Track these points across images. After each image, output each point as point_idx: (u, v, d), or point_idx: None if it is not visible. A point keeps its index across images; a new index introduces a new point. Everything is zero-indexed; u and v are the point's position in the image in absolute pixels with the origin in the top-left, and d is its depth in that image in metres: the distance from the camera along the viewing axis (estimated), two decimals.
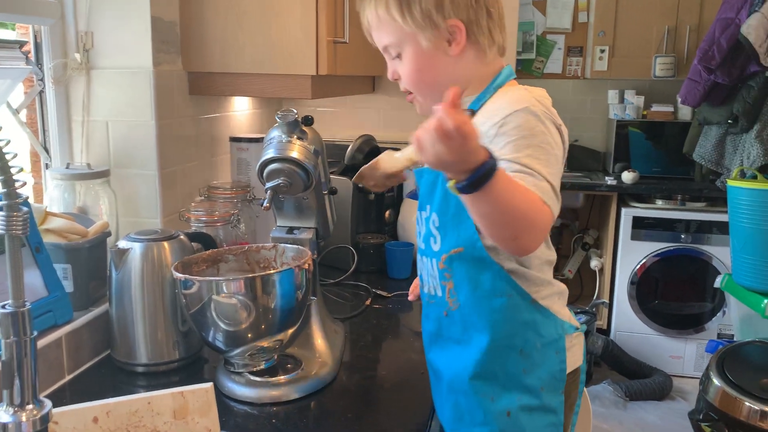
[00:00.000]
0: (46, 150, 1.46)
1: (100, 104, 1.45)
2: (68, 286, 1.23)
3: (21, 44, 1.44)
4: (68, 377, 1.19)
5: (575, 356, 1.06)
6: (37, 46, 1.42)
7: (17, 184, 0.63)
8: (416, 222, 1.11)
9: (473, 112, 0.95)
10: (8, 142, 0.63)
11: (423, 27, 0.97)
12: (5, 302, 0.65)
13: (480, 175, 0.75)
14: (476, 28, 0.99)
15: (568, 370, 1.04)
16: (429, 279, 1.07)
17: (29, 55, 1.42)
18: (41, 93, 1.44)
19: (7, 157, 0.62)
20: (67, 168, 1.40)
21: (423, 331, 1.13)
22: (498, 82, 1.02)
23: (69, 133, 1.47)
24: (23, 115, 1.46)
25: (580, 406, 1.12)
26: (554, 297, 1.04)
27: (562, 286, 1.08)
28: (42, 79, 1.43)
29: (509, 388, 1.00)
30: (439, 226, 1.02)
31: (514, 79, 1.05)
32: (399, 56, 1.02)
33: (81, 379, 1.20)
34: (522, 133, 0.90)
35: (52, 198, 1.39)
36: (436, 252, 1.03)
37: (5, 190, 0.62)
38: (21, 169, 0.65)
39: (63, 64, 1.42)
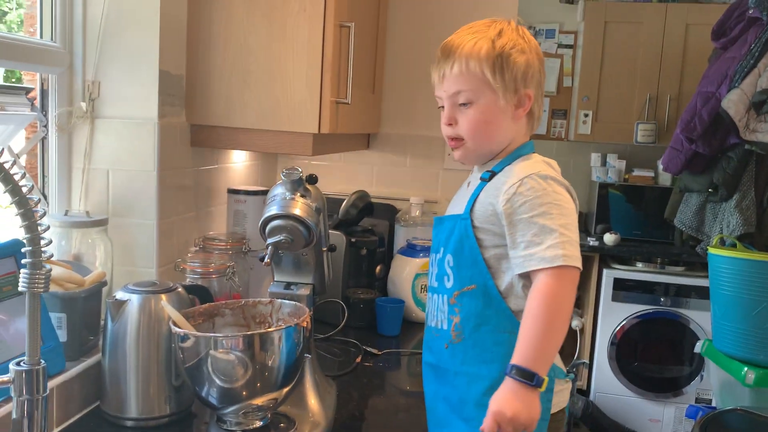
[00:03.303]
0: (44, 196, 1.46)
1: (102, 152, 1.46)
2: (62, 335, 1.21)
3: (27, 91, 1.46)
4: (56, 430, 1.16)
5: (561, 398, 1.14)
6: (43, 93, 1.44)
7: (43, 242, 0.63)
8: (429, 264, 1.23)
9: (494, 173, 1.14)
10: (38, 201, 0.64)
11: (506, 89, 1.11)
12: (20, 359, 0.65)
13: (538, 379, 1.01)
14: (536, 102, 1.16)
15: (553, 411, 1.11)
16: (438, 314, 1.17)
17: (35, 102, 1.43)
18: (44, 139, 1.45)
19: (37, 214, 0.63)
20: (65, 215, 1.40)
21: (423, 362, 1.23)
22: (522, 152, 1.16)
23: (69, 180, 1.47)
24: (23, 160, 1.46)
25: None
26: None
27: None
28: (46, 126, 1.44)
29: None
30: (453, 266, 1.13)
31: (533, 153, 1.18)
32: (466, 104, 1.13)
33: None
34: (536, 193, 1.06)
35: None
36: (448, 289, 1.14)
37: (30, 248, 0.63)
38: (47, 227, 0.65)
39: (68, 112, 1.44)
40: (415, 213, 2.13)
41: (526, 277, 1.08)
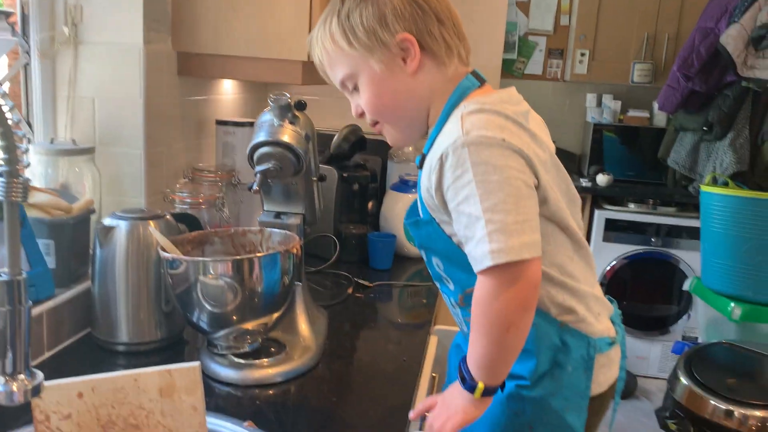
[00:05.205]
0: (29, 124, 1.44)
1: (87, 80, 1.43)
2: (50, 261, 1.21)
3: (7, 15, 1.41)
4: (47, 354, 1.17)
5: (606, 376, 1.03)
6: (24, 18, 1.40)
7: (19, 151, 0.62)
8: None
9: (424, 157, 0.96)
10: (12, 107, 0.62)
11: (371, 48, 0.93)
12: (0, 270, 0.65)
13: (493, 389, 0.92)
14: (428, 38, 0.93)
15: (599, 391, 1.02)
16: (454, 315, 1.08)
17: (15, 27, 1.39)
18: (26, 66, 1.41)
19: (10, 122, 0.61)
20: (51, 143, 1.38)
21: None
22: (453, 101, 0.95)
23: (54, 108, 1.44)
24: (6, 87, 1.43)
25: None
26: (587, 313, 1.00)
27: (597, 294, 1.05)
28: (28, 52, 1.40)
29: (537, 408, 0.99)
30: (445, 269, 1.01)
31: (478, 87, 0.97)
32: (357, 88, 0.99)
33: (60, 356, 1.18)
34: (455, 172, 0.86)
35: (33, 173, 1.36)
36: (452, 291, 1.03)
37: (7, 156, 0.61)
38: (23, 135, 0.64)
39: (50, 37, 1.40)
40: (407, 149, 2.11)
41: None
